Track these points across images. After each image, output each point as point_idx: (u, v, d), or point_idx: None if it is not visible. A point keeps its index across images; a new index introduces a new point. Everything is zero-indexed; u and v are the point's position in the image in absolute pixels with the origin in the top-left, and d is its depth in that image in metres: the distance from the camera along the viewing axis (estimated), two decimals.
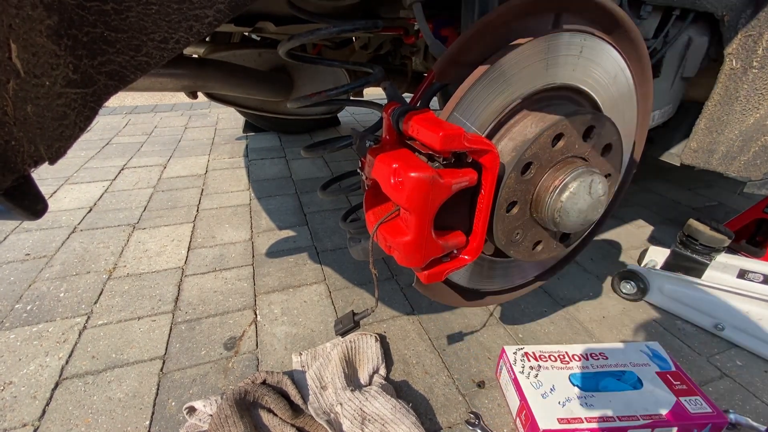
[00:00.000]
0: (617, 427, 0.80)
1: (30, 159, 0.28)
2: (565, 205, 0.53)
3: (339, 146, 0.90)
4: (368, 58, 1.66)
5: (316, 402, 0.89)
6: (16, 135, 0.27)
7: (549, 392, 0.86)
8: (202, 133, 3.01)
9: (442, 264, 0.54)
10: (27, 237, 1.59)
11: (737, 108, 0.95)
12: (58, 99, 0.29)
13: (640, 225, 1.79)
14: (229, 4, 0.36)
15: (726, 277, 1.24)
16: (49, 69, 0.28)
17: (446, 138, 0.42)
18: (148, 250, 1.51)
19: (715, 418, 0.82)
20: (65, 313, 1.19)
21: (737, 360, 1.08)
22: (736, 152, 0.99)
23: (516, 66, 0.52)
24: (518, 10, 0.51)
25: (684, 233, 1.28)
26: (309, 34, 0.72)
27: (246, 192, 2.04)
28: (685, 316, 1.21)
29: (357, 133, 0.60)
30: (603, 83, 0.62)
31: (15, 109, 0.26)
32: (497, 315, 1.21)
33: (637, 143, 0.76)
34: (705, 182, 2.27)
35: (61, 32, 0.28)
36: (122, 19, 0.31)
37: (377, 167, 0.49)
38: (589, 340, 1.13)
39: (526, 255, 0.61)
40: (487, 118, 0.54)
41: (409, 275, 1.37)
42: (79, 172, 2.27)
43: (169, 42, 0.34)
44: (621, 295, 1.31)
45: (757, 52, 0.89)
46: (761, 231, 1.51)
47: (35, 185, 0.30)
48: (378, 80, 0.83)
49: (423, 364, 1.03)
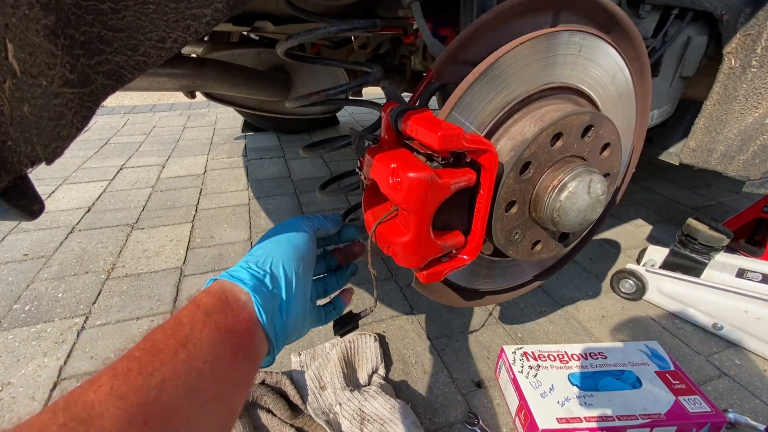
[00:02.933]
0: (616, 427, 0.80)
1: (27, 159, 0.28)
2: (564, 204, 0.53)
3: (338, 146, 0.90)
4: (367, 58, 1.66)
5: (315, 402, 0.89)
6: (13, 135, 0.26)
7: (548, 392, 0.86)
8: (200, 133, 3.01)
9: (441, 264, 0.54)
10: (25, 237, 1.59)
11: (736, 107, 0.95)
12: (55, 99, 0.29)
13: (639, 224, 1.79)
14: (227, 3, 0.35)
15: (725, 276, 1.24)
16: (46, 69, 0.28)
17: (445, 138, 0.42)
18: (146, 250, 1.51)
19: (714, 418, 0.82)
20: (63, 313, 1.19)
21: (736, 359, 1.08)
22: (735, 151, 0.99)
23: (515, 65, 0.52)
24: (517, 9, 0.51)
25: (683, 232, 1.28)
26: (307, 33, 0.72)
27: (245, 192, 2.03)
28: (684, 315, 1.21)
29: (356, 132, 0.60)
30: (602, 82, 0.62)
31: (11, 109, 0.26)
32: (496, 315, 1.21)
33: (636, 142, 0.76)
34: (704, 181, 2.27)
35: (58, 32, 0.28)
36: (119, 18, 0.31)
37: (376, 167, 0.49)
38: (588, 339, 1.13)
39: (525, 255, 0.61)
40: (485, 117, 0.54)
41: (408, 275, 1.37)
42: (78, 172, 2.27)
43: (166, 41, 0.34)
44: (620, 294, 1.31)
45: (756, 51, 0.89)
46: (760, 230, 1.51)
47: (32, 186, 0.30)
48: (377, 80, 0.83)
49: (422, 363, 1.03)
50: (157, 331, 0.33)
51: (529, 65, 0.53)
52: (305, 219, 0.54)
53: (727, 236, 1.21)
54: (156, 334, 0.32)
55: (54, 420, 0.24)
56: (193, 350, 0.32)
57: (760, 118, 0.95)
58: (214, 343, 0.34)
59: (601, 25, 0.59)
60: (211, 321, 0.35)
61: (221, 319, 0.36)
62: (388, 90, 0.57)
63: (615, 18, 0.59)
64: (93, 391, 0.27)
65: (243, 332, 0.37)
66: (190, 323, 0.34)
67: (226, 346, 0.35)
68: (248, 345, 0.37)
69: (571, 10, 0.56)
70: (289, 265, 0.44)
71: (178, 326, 0.34)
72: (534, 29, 0.53)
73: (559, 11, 0.55)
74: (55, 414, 0.25)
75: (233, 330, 0.36)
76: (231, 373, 0.35)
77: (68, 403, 0.26)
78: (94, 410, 0.25)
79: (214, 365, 0.33)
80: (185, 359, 0.31)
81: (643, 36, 0.84)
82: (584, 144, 0.56)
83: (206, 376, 0.32)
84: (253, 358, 0.38)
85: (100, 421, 0.25)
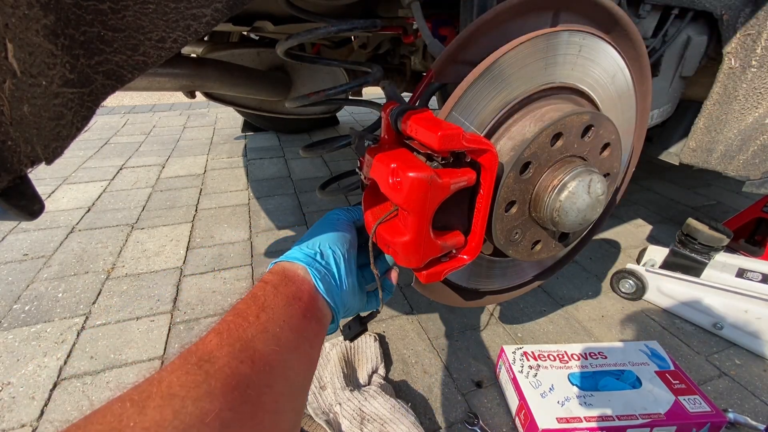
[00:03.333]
0: (616, 427, 0.80)
1: (27, 159, 0.28)
2: (564, 204, 0.53)
3: (338, 146, 0.90)
4: (367, 58, 1.66)
5: (315, 402, 0.89)
6: (13, 135, 0.26)
7: (548, 392, 0.86)
8: (200, 133, 3.01)
9: (441, 264, 0.54)
10: (25, 237, 1.59)
11: (736, 107, 0.95)
12: (54, 99, 0.29)
13: (639, 224, 1.79)
14: (227, 3, 0.35)
15: (725, 276, 1.24)
16: (46, 68, 0.28)
17: (445, 138, 0.42)
18: (146, 250, 1.51)
19: (714, 417, 0.82)
20: (63, 313, 1.19)
21: (736, 359, 1.08)
22: (735, 151, 0.99)
23: (515, 65, 0.52)
24: (517, 9, 0.51)
25: (683, 232, 1.28)
26: (307, 33, 0.72)
27: (245, 192, 2.03)
28: (684, 315, 1.21)
29: (356, 132, 0.59)
30: (602, 82, 0.62)
31: (11, 109, 0.26)
32: (496, 314, 1.21)
33: (636, 142, 0.76)
34: (704, 181, 2.27)
35: (58, 31, 0.28)
36: (119, 18, 0.31)
37: (375, 167, 0.49)
38: (588, 339, 1.13)
39: (524, 254, 0.61)
40: (485, 117, 0.54)
41: (408, 274, 1.37)
42: (78, 171, 2.27)
43: (166, 41, 0.34)
44: (620, 294, 1.31)
45: (756, 51, 0.89)
46: (760, 230, 1.51)
47: (32, 186, 0.30)
48: (377, 79, 0.83)
49: (422, 363, 1.03)
50: (240, 304, 0.41)
51: (529, 65, 0.53)
52: (345, 210, 0.60)
53: (727, 236, 1.21)
54: (239, 306, 0.41)
55: (188, 361, 0.32)
56: (271, 314, 0.40)
57: (760, 118, 0.95)
58: (286, 307, 0.42)
59: (601, 25, 0.59)
60: (280, 292, 0.43)
61: (287, 290, 0.44)
62: (388, 90, 0.57)
63: (615, 18, 0.58)
64: (205, 344, 0.34)
65: (306, 299, 0.45)
66: (263, 295, 0.42)
67: (295, 310, 0.42)
68: (313, 309, 0.45)
69: (571, 10, 0.56)
70: (335, 245, 0.51)
71: (255, 298, 0.41)
72: (534, 29, 0.53)
73: (559, 11, 0.55)
74: (185, 359, 0.32)
75: (298, 297, 0.44)
76: (303, 331, 0.42)
77: (190, 353, 0.33)
78: (212, 354, 0.33)
79: (289, 324, 0.40)
80: (266, 320, 0.39)
81: (643, 36, 0.84)
82: (584, 144, 0.56)
83: (285, 332, 0.39)
84: (319, 320, 0.46)
85: (219, 361, 0.33)
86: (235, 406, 0.31)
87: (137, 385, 0.30)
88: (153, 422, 0.27)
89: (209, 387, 0.30)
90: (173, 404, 0.28)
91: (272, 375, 0.36)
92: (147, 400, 0.28)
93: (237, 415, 0.31)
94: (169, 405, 0.28)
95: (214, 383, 0.31)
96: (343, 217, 0.58)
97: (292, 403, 0.38)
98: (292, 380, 0.39)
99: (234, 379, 0.32)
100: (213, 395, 0.30)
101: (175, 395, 0.29)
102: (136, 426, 0.26)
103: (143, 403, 0.28)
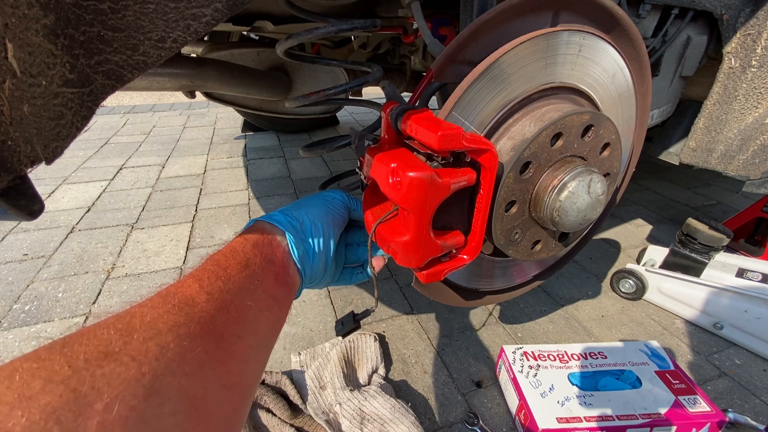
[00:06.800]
0: (616, 426, 0.80)
1: (27, 159, 0.28)
2: (564, 204, 0.53)
3: (338, 146, 0.90)
4: (367, 58, 1.66)
5: (315, 402, 0.89)
6: (13, 135, 0.26)
7: (548, 391, 0.86)
8: (200, 133, 3.01)
9: (441, 264, 0.54)
10: (25, 237, 1.58)
11: (736, 107, 0.95)
12: (54, 99, 0.29)
13: (639, 224, 1.79)
14: (226, 3, 0.35)
15: (725, 275, 1.24)
16: (46, 68, 0.28)
17: (444, 137, 0.42)
18: (146, 250, 1.51)
19: (714, 417, 0.82)
20: (63, 313, 1.19)
21: (736, 359, 1.08)
22: (735, 151, 0.99)
23: (515, 65, 0.52)
24: (517, 9, 0.51)
25: (683, 232, 1.28)
26: (307, 33, 0.72)
27: (245, 191, 2.03)
28: (684, 315, 1.21)
29: (355, 132, 0.59)
30: (602, 82, 0.62)
31: (11, 109, 0.26)
32: (496, 314, 1.21)
33: (636, 142, 0.76)
34: (704, 181, 2.27)
35: (58, 31, 0.28)
36: (119, 18, 0.31)
37: (375, 167, 0.49)
38: (588, 339, 1.13)
39: (524, 254, 0.61)
40: (485, 117, 0.54)
41: (407, 275, 1.37)
42: (78, 171, 2.27)
43: (166, 41, 0.34)
44: (620, 294, 1.31)
45: (756, 51, 0.89)
46: (760, 230, 1.51)
47: (32, 186, 0.30)
48: (376, 79, 0.83)
49: (422, 363, 1.03)
50: (218, 255, 0.42)
51: (529, 65, 0.53)
52: (346, 194, 0.61)
53: (726, 236, 1.21)
54: (218, 257, 0.42)
55: (168, 301, 0.33)
56: (251, 271, 0.42)
57: (760, 117, 0.95)
58: (262, 268, 0.43)
59: (601, 24, 0.59)
60: (258, 251, 0.45)
61: (265, 251, 0.45)
62: (388, 90, 0.57)
63: (615, 18, 0.58)
64: (185, 288, 0.36)
65: (280, 263, 0.46)
66: (243, 251, 0.43)
67: (269, 272, 0.44)
68: (284, 274, 0.47)
69: (571, 10, 0.56)
70: (318, 219, 0.53)
71: (234, 252, 0.43)
72: (534, 29, 0.53)
73: (559, 11, 0.55)
74: (165, 299, 0.33)
75: (273, 260, 0.45)
76: (274, 293, 0.44)
77: (170, 293, 0.34)
78: (193, 299, 0.34)
79: (263, 284, 0.42)
80: (246, 276, 0.41)
81: (642, 35, 0.84)
82: (584, 144, 0.56)
83: (259, 291, 0.41)
84: (289, 285, 0.48)
85: (198, 306, 0.34)
86: (210, 350, 0.33)
87: (118, 315, 0.31)
88: (139, 352, 0.27)
89: (189, 329, 0.32)
90: (158, 339, 0.29)
91: (244, 327, 0.38)
92: (132, 332, 0.29)
93: (211, 358, 0.33)
94: (154, 339, 0.29)
95: (194, 327, 0.32)
96: (339, 198, 0.58)
97: (258, 355, 0.41)
98: (261, 335, 0.41)
99: (210, 324, 0.34)
100: (193, 337, 0.32)
101: (160, 331, 0.30)
102: (122, 352, 0.27)
103: (128, 333, 0.29)
